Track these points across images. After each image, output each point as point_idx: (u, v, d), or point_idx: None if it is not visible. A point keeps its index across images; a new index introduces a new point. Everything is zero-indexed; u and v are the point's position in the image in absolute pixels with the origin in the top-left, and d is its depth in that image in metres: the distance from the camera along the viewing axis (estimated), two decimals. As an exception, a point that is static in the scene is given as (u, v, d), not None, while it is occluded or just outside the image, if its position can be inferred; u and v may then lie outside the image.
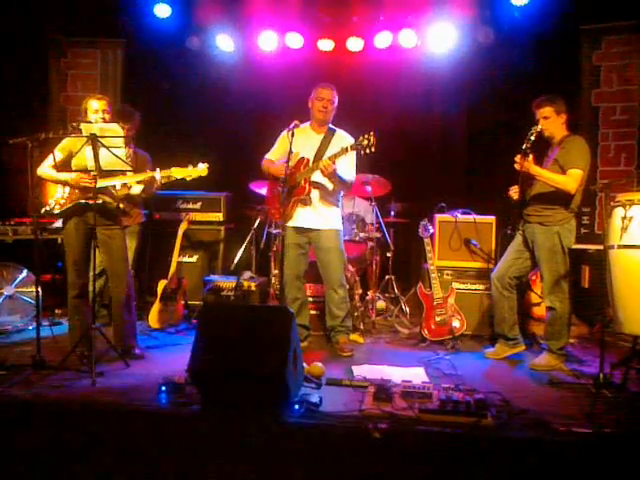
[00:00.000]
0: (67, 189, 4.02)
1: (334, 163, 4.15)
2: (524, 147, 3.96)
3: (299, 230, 4.48)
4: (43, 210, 4.03)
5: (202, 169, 4.19)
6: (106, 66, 6.56)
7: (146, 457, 2.87)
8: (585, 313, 5.13)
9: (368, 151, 4.05)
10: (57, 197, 4.02)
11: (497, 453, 2.75)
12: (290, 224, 4.45)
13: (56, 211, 3.99)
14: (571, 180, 3.96)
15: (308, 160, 4.41)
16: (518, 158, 3.99)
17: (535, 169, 4.00)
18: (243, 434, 2.85)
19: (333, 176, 4.23)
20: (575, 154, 4.01)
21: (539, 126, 4.02)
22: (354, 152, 4.31)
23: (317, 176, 4.37)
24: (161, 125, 6.26)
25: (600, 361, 3.50)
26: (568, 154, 4.02)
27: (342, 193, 4.64)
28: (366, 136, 4.04)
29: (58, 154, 3.96)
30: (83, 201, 3.92)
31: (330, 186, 4.43)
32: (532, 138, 3.95)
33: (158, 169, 4.05)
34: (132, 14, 6.02)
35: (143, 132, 4.94)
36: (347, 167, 4.39)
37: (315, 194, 4.42)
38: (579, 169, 3.97)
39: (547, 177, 4.01)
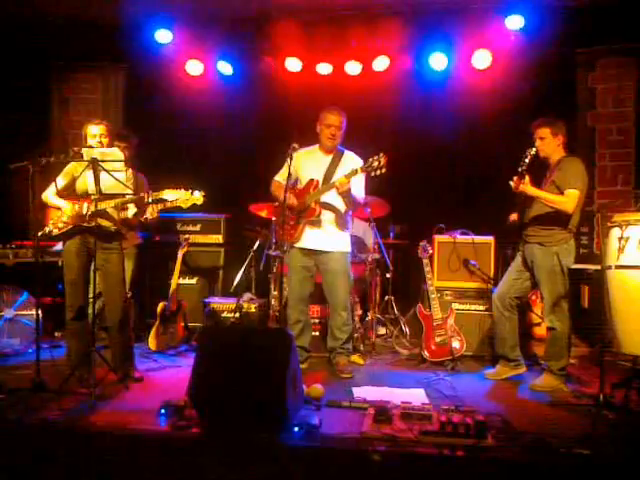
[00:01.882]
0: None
1: (349, 181, 4.17)
2: (519, 169, 4.00)
3: (306, 252, 4.48)
4: (40, 233, 4.04)
5: (197, 197, 4.17)
6: (107, 91, 6.64)
7: (145, 481, 2.86)
8: (585, 333, 5.12)
9: (379, 172, 4.05)
10: (54, 220, 4.06)
11: (497, 475, 2.74)
12: (298, 245, 4.46)
13: (54, 234, 4.02)
14: (568, 200, 3.99)
15: (317, 182, 4.41)
16: (514, 179, 4.04)
17: (532, 190, 4.03)
18: (243, 456, 2.84)
19: (348, 194, 4.24)
20: (571, 174, 4.05)
21: (534, 148, 4.06)
22: (364, 174, 4.29)
23: (327, 197, 4.38)
24: (161, 149, 6.31)
25: (600, 382, 3.50)
26: (565, 175, 4.06)
27: (350, 214, 4.65)
28: (376, 157, 4.05)
29: (61, 180, 4.02)
30: (81, 224, 3.95)
31: (341, 207, 4.44)
32: (527, 160, 4.00)
33: (150, 191, 4.08)
34: (133, 40, 6.10)
35: (144, 156, 4.98)
36: (359, 187, 4.40)
37: (325, 215, 4.43)
38: (576, 189, 4.00)
39: (544, 198, 4.04)
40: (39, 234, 4.04)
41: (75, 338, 4.05)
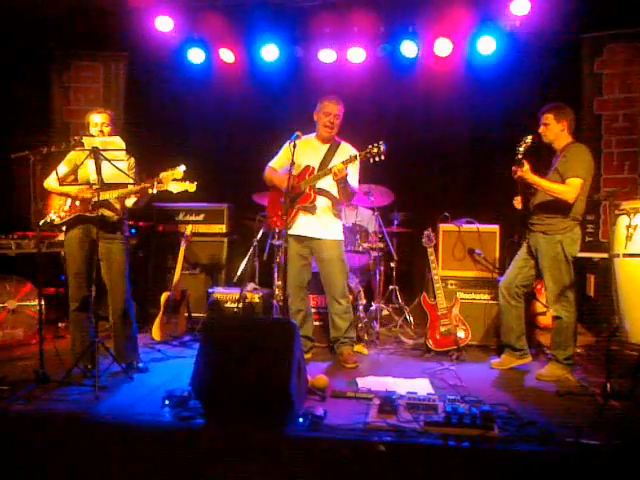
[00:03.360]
0: (69, 202, 4.04)
1: (346, 168, 4.15)
2: (516, 157, 3.98)
3: (300, 239, 4.46)
4: (42, 222, 4.01)
5: (189, 184, 4.10)
6: (109, 79, 6.59)
7: (149, 472, 2.85)
8: (591, 322, 5.08)
9: (377, 159, 4.05)
10: (56, 208, 4.03)
11: (504, 465, 2.72)
12: (291, 232, 4.44)
13: (56, 222, 4.00)
14: (569, 189, 3.93)
15: (313, 168, 4.40)
16: (513, 167, 4.01)
17: (532, 177, 3.99)
18: (247, 448, 2.83)
19: (344, 181, 4.22)
20: (574, 162, 3.99)
21: (529, 136, 4.03)
22: (358, 164, 4.34)
23: (322, 184, 4.38)
24: (163, 137, 6.28)
25: (607, 371, 3.47)
26: (567, 162, 4.01)
27: (343, 206, 4.66)
28: (375, 144, 4.05)
29: (64, 167, 4.00)
30: (84, 214, 3.93)
31: (335, 194, 4.42)
32: (520, 148, 3.98)
33: (155, 182, 3.99)
34: (134, 28, 6.04)
35: (145, 144, 4.94)
36: (353, 177, 4.39)
37: (319, 202, 4.42)
38: (578, 178, 3.94)
39: (544, 186, 4.00)
40: (40, 223, 4.02)
41: (79, 329, 4.03)
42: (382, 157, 4.03)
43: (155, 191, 3.96)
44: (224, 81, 6.50)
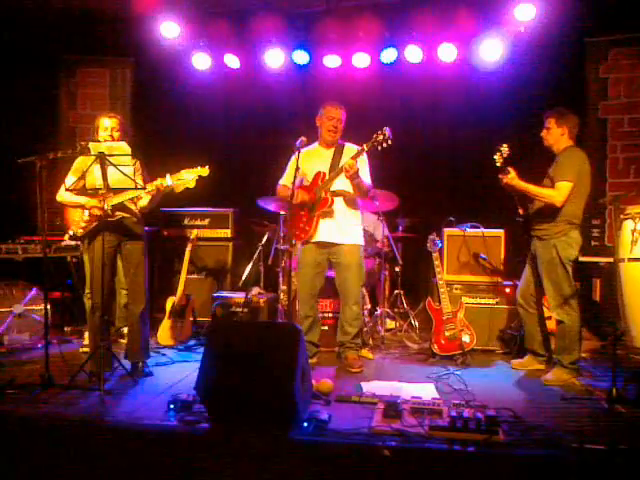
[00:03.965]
0: (86, 211, 4.07)
1: (356, 163, 4.16)
2: (498, 166, 4.06)
3: (321, 245, 4.46)
4: (67, 236, 4.10)
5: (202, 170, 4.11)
6: (115, 85, 6.65)
7: (154, 476, 2.85)
8: (597, 327, 5.07)
9: (385, 145, 4.08)
10: (76, 220, 4.07)
11: (509, 470, 2.71)
12: (313, 240, 4.45)
13: (79, 234, 4.04)
14: (557, 194, 3.94)
15: (325, 174, 4.42)
16: (500, 175, 4.06)
17: (519, 184, 4.02)
18: (251, 452, 2.83)
19: (356, 176, 4.23)
20: (565, 167, 4.01)
21: (505, 145, 4.09)
22: (366, 158, 4.37)
23: (337, 185, 4.40)
24: (169, 142, 6.30)
25: (612, 375, 3.46)
26: (558, 166, 4.04)
27: (361, 204, 4.66)
28: (380, 131, 4.08)
29: (71, 177, 4.01)
30: (104, 220, 3.94)
31: (351, 191, 4.43)
32: (496, 157, 4.04)
33: (168, 174, 4.03)
34: (140, 34, 6.08)
35: (151, 149, 4.97)
36: (363, 170, 4.41)
37: (337, 205, 4.42)
38: (567, 181, 3.95)
39: (532, 191, 4.04)
40: (65, 237, 4.11)
41: (97, 334, 4.03)
42: (389, 142, 4.06)
43: (169, 182, 3.97)
44: (229, 87, 6.52)
